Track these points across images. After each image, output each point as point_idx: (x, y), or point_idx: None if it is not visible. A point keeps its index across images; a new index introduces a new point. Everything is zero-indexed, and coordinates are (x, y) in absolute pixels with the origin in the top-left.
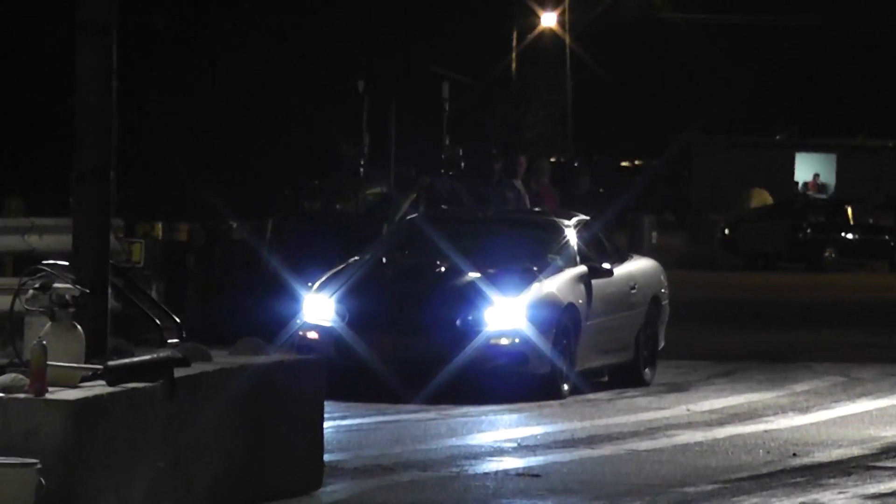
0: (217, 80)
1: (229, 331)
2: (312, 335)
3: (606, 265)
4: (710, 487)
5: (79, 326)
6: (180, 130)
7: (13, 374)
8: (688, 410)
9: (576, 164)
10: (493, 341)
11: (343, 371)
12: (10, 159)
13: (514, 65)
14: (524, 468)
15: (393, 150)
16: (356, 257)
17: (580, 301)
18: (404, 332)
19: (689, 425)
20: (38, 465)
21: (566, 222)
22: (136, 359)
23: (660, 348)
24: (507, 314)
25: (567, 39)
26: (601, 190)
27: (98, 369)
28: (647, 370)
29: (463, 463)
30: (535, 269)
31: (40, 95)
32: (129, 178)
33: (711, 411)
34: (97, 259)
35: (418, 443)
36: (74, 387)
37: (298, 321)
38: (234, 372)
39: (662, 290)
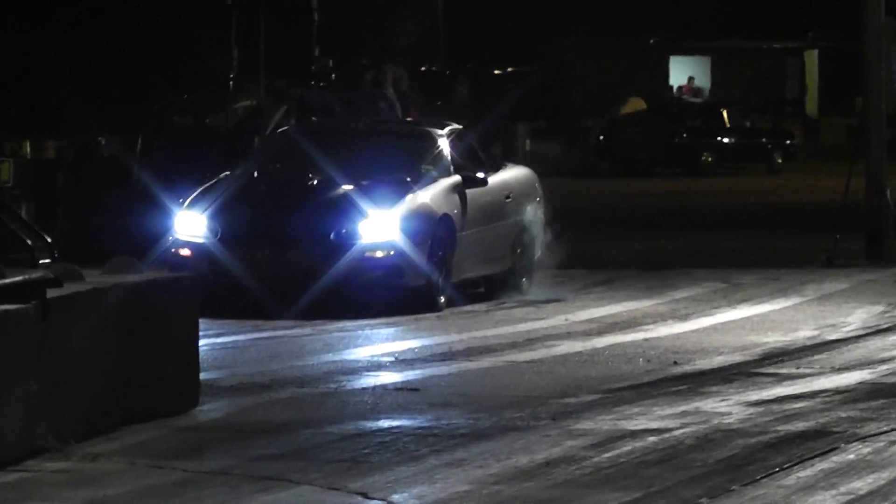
0: None
1: (101, 250)
2: (185, 252)
3: (481, 174)
4: (590, 398)
5: None
6: (46, 47)
7: None
8: (566, 320)
9: (448, 73)
10: (367, 254)
11: (217, 288)
12: None
13: None
14: (402, 382)
15: (262, 62)
16: (227, 172)
17: (455, 211)
18: (277, 246)
19: (568, 335)
20: None
21: (439, 132)
22: (7, 280)
23: (536, 257)
24: (380, 226)
25: None
26: (471, 98)
27: None
28: (523, 280)
29: (341, 378)
30: (408, 180)
31: None
32: None
33: (590, 321)
34: None
35: (295, 359)
36: None
37: (170, 238)
38: (106, 291)
39: (538, 199)
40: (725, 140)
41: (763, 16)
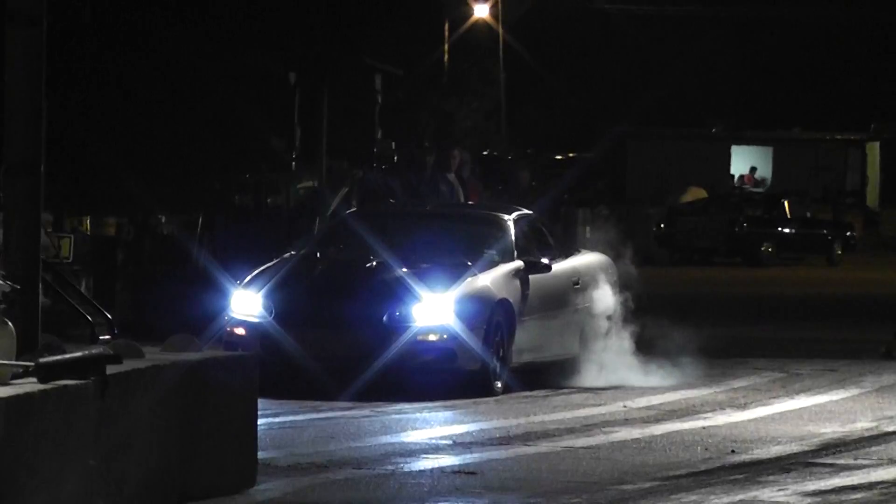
0: (147, 72)
1: (159, 326)
2: (239, 331)
3: (545, 260)
4: (648, 485)
5: (9, 323)
6: (108, 123)
7: None
8: (624, 407)
9: (509, 158)
10: (420, 337)
11: (271, 367)
12: None
13: (446, 57)
14: (460, 466)
15: (324, 143)
16: (290, 253)
17: (515, 296)
18: (331, 328)
19: (626, 422)
20: None
21: (504, 216)
22: (67, 355)
23: (606, 345)
24: (434, 310)
25: (500, 31)
26: (533, 183)
27: (29, 366)
28: (591, 367)
29: (398, 460)
30: (468, 263)
31: None
32: (57, 171)
33: (648, 408)
34: (27, 254)
35: (352, 440)
36: (5, 384)
37: (226, 317)
38: (165, 368)
39: (611, 286)
40: (786, 230)
41: (825, 107)
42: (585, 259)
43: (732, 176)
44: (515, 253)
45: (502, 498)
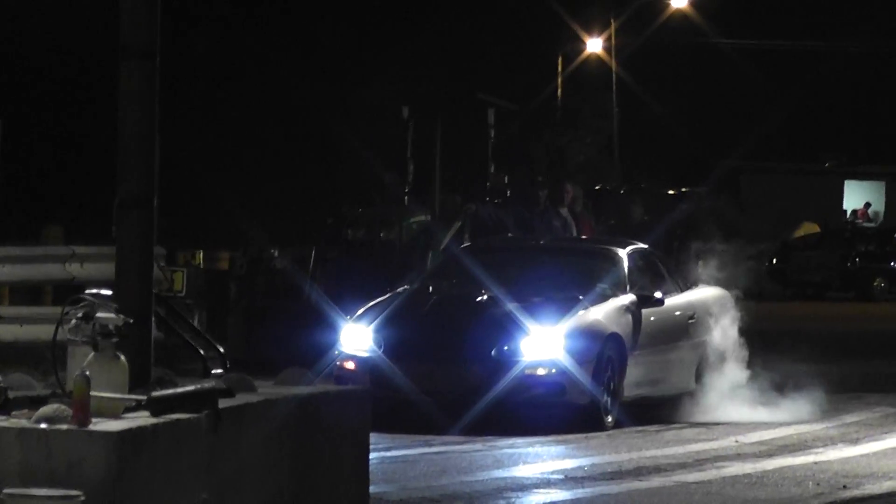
0: (260, 106)
1: (271, 361)
2: (349, 365)
3: (658, 294)
4: None
5: (122, 356)
6: (222, 157)
7: (56, 405)
8: (736, 442)
9: (622, 192)
10: (528, 371)
11: (382, 401)
12: (49, 186)
13: (559, 91)
14: (572, 500)
15: (437, 178)
16: (402, 288)
17: (627, 330)
18: (440, 362)
19: (738, 457)
20: (82, 498)
21: (618, 250)
22: (179, 389)
23: (725, 381)
24: (543, 344)
25: (613, 65)
26: (646, 217)
27: (142, 400)
28: (707, 403)
29: (510, 495)
30: (578, 297)
31: (79, 121)
32: (170, 205)
33: (760, 443)
34: (140, 288)
35: (464, 474)
36: (118, 417)
37: (336, 351)
38: (278, 402)
39: (730, 322)
40: None
41: None
42: (702, 293)
43: (845, 211)
44: (628, 287)
45: None
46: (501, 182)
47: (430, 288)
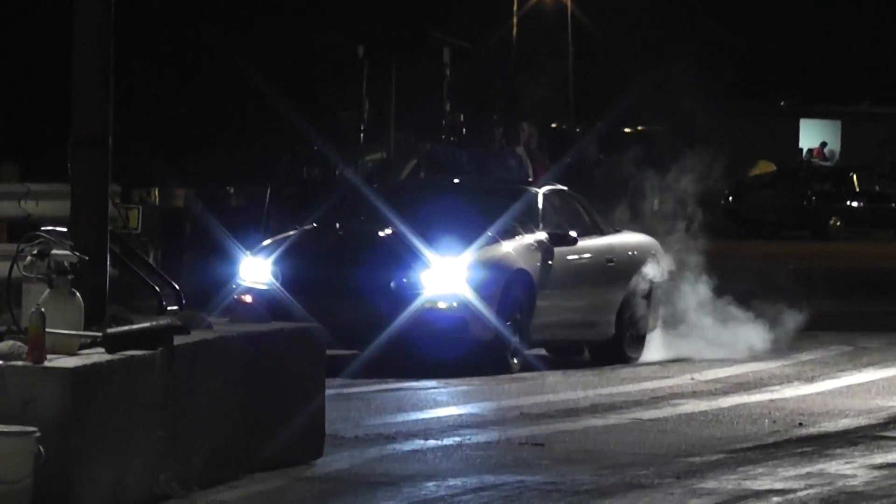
0: (214, 44)
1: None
2: (247, 298)
3: (572, 233)
4: (715, 457)
5: (77, 294)
6: (177, 95)
7: (11, 342)
8: (692, 380)
9: (577, 131)
10: (429, 305)
11: None
12: (4, 124)
13: (514, 30)
14: (527, 437)
15: (393, 117)
16: (310, 224)
17: (536, 267)
18: (338, 295)
19: (694, 395)
20: (38, 434)
21: (532, 189)
22: (135, 326)
23: (651, 329)
24: (444, 276)
25: (568, 4)
26: (601, 156)
27: (97, 337)
28: (631, 349)
29: (465, 432)
30: (484, 231)
31: (34, 56)
32: (125, 143)
33: (716, 381)
34: (95, 226)
35: (419, 411)
36: (73, 354)
37: (234, 284)
38: (233, 339)
39: (654, 268)
40: (854, 205)
41: (894, 80)
42: (623, 238)
43: (801, 150)
44: (541, 225)
45: (569, 470)
46: (457, 121)
47: (337, 225)
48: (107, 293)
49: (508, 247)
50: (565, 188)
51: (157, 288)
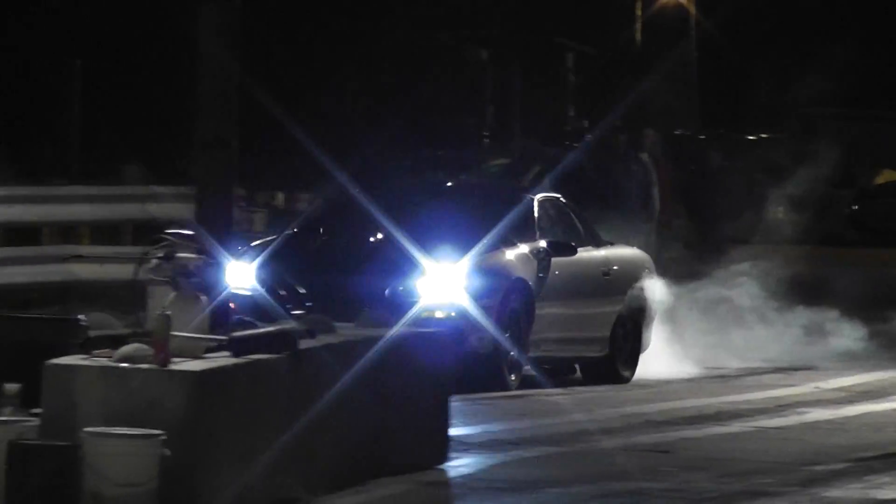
0: (342, 48)
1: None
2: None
3: (573, 244)
4: (840, 466)
5: (203, 296)
6: (303, 99)
7: (136, 345)
8: (817, 388)
9: (701, 138)
10: (425, 315)
11: None
12: (130, 127)
13: (638, 36)
14: (652, 444)
15: (517, 122)
16: (292, 229)
17: (534, 278)
18: (329, 303)
19: (818, 403)
20: (163, 437)
21: (527, 195)
22: (260, 330)
23: (644, 349)
24: (441, 283)
25: (692, 10)
26: (725, 163)
27: (222, 340)
28: (624, 368)
29: (589, 439)
30: (482, 237)
31: (160, 60)
32: (250, 146)
33: (840, 389)
34: (220, 229)
35: (544, 417)
36: (198, 358)
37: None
38: (359, 343)
39: (646, 284)
40: None
41: None
42: (618, 252)
43: None
44: (538, 233)
45: (693, 476)
46: (580, 126)
47: (321, 229)
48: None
49: (509, 254)
50: (559, 196)
51: (282, 292)
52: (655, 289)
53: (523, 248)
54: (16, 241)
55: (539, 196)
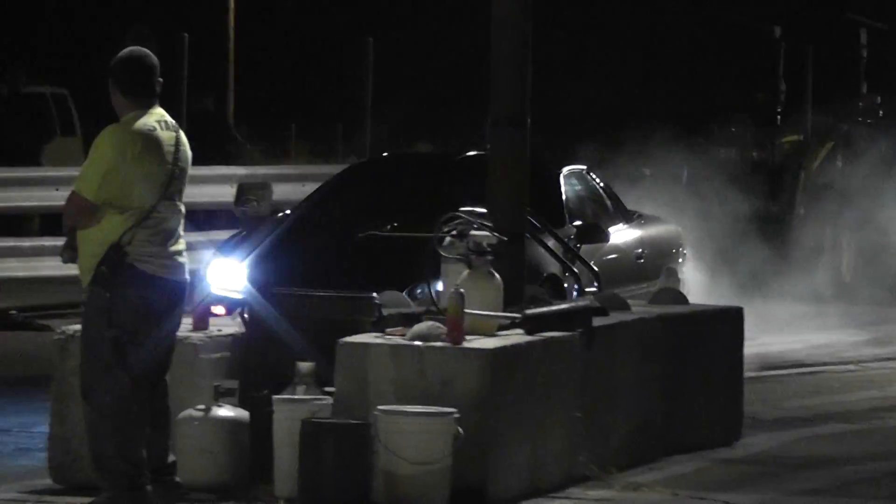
0: (627, 23)
1: None
2: (218, 310)
3: (604, 227)
4: None
5: (496, 274)
6: (589, 76)
7: (430, 323)
8: None
9: None
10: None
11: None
12: (419, 105)
13: None
14: None
15: (810, 98)
16: (283, 213)
17: (561, 271)
18: None
19: None
20: (457, 415)
21: (553, 171)
22: (553, 307)
23: None
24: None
25: None
26: None
27: (516, 318)
28: None
29: (883, 415)
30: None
31: (456, 42)
32: (543, 123)
33: None
34: (514, 206)
35: (837, 394)
36: (491, 335)
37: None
38: (652, 321)
39: (679, 262)
40: None
41: None
42: (649, 228)
43: None
44: (567, 216)
45: None
46: (873, 103)
47: (318, 217)
48: (525, 274)
49: (535, 248)
50: (584, 167)
51: (574, 269)
52: (688, 268)
53: (553, 237)
54: None
55: (565, 170)
